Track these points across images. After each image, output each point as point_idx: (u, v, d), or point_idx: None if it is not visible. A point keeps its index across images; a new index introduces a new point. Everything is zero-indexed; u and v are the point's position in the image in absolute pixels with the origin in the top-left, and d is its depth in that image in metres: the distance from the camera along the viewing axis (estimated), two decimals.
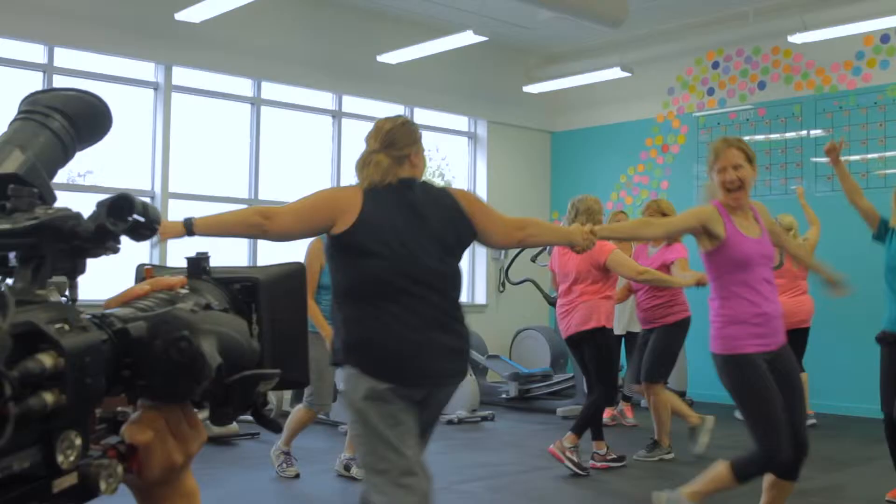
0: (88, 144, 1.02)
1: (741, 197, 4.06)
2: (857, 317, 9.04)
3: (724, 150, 4.09)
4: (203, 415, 0.85)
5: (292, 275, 0.95)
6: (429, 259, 3.27)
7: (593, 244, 3.96)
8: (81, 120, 0.99)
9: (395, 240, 3.25)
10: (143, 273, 0.89)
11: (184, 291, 0.84)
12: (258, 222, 3.31)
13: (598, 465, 6.53)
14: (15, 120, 0.98)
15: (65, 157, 0.98)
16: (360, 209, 3.26)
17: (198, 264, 0.88)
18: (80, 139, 0.99)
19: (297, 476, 6.10)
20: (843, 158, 9.72)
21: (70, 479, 0.71)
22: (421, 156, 3.49)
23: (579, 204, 6.56)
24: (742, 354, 4.02)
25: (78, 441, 0.70)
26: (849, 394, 9.08)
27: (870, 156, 9.48)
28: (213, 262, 0.91)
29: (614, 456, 6.61)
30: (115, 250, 0.81)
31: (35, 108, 0.98)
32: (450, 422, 8.62)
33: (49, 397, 0.66)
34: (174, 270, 0.90)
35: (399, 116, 3.56)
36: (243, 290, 0.89)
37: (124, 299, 0.82)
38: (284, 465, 6.15)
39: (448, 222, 3.35)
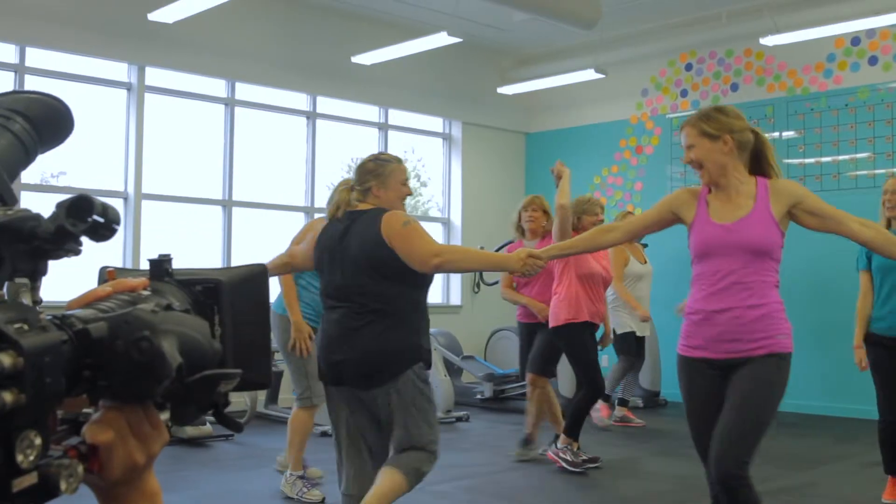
0: (50, 147, 1.02)
1: (704, 177, 3.59)
2: (829, 316, 9.12)
3: (680, 132, 3.71)
4: (165, 415, 0.86)
5: (254, 277, 0.95)
6: (343, 278, 3.86)
7: (539, 268, 3.88)
8: (43, 122, 1.00)
9: (326, 263, 3.94)
10: (105, 275, 0.89)
11: (146, 293, 0.85)
12: (286, 262, 4.39)
13: (551, 455, 6.56)
14: None
15: (26, 159, 0.98)
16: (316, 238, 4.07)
17: (160, 266, 0.88)
18: (41, 141, 1.00)
19: (323, 500, 5.46)
20: (814, 160, 9.84)
21: (30, 479, 0.72)
22: (388, 188, 3.98)
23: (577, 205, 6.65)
24: (678, 355, 3.66)
25: (38, 440, 0.71)
26: (819, 393, 9.16)
27: (840, 157, 9.57)
28: (187, 263, 0.91)
29: (585, 457, 6.61)
30: (77, 252, 0.81)
31: None
32: None
33: (8, 396, 0.66)
34: (137, 272, 0.90)
35: (377, 154, 4.19)
36: (205, 291, 0.90)
37: (86, 301, 0.82)
38: (304, 490, 5.51)
39: (364, 248, 3.82)
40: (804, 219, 3.58)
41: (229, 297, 0.90)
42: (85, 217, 0.79)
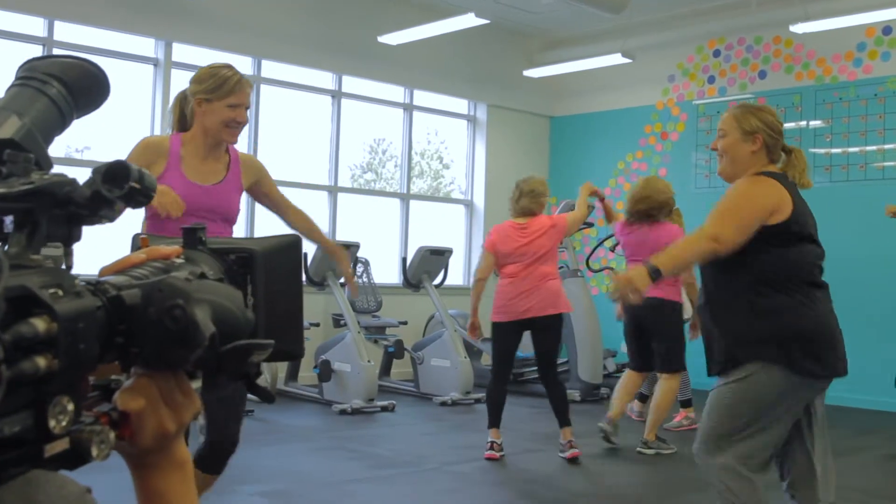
0: (86, 112, 1.02)
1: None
2: (848, 306, 9.05)
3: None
4: (196, 384, 0.86)
5: (288, 247, 0.95)
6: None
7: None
8: (79, 87, 0.99)
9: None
10: (138, 243, 0.89)
11: (179, 261, 0.85)
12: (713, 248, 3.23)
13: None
14: (12, 86, 0.98)
15: (62, 124, 0.98)
16: None
17: (193, 234, 0.88)
18: (77, 107, 0.99)
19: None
20: (841, 150, 9.75)
21: (62, 445, 0.72)
22: None
23: (523, 185, 6.46)
24: None
25: (70, 406, 0.71)
26: (837, 383, 9.09)
27: (868, 148, 9.48)
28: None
29: None
30: (111, 219, 0.81)
31: (33, 75, 0.98)
32: (443, 403, 8.64)
33: (41, 361, 0.66)
34: (170, 241, 0.90)
35: None
36: (238, 261, 0.90)
37: (120, 267, 0.82)
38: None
39: None
40: None
41: (263, 267, 0.90)
42: (121, 183, 0.79)
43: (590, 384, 9.17)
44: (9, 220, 0.76)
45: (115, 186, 0.78)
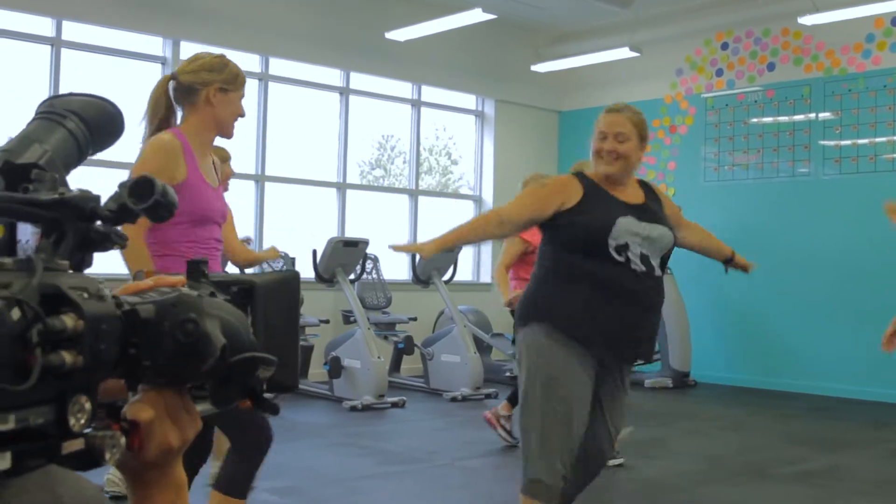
0: (101, 148, 1.11)
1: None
2: (859, 299, 9.05)
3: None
4: (200, 407, 0.90)
5: (287, 282, 0.99)
6: None
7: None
8: (96, 124, 1.08)
9: None
10: (143, 276, 0.93)
11: (185, 290, 0.88)
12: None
13: (491, 418, 6.46)
14: (33, 120, 1.06)
15: (79, 155, 1.06)
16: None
17: (196, 267, 0.92)
18: (94, 141, 1.06)
19: None
20: (850, 142, 9.72)
21: (78, 444, 0.76)
22: None
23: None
24: None
25: (88, 406, 0.74)
26: (851, 376, 9.10)
27: (878, 139, 9.45)
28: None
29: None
30: (123, 245, 0.86)
31: (52, 110, 1.06)
32: (453, 399, 8.66)
33: (67, 357, 0.70)
34: (173, 275, 0.94)
35: None
36: (241, 292, 0.93)
37: (128, 292, 0.86)
38: None
39: None
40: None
41: (263, 299, 0.94)
42: (146, 197, 0.84)
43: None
44: (30, 231, 0.82)
45: (140, 200, 0.84)
